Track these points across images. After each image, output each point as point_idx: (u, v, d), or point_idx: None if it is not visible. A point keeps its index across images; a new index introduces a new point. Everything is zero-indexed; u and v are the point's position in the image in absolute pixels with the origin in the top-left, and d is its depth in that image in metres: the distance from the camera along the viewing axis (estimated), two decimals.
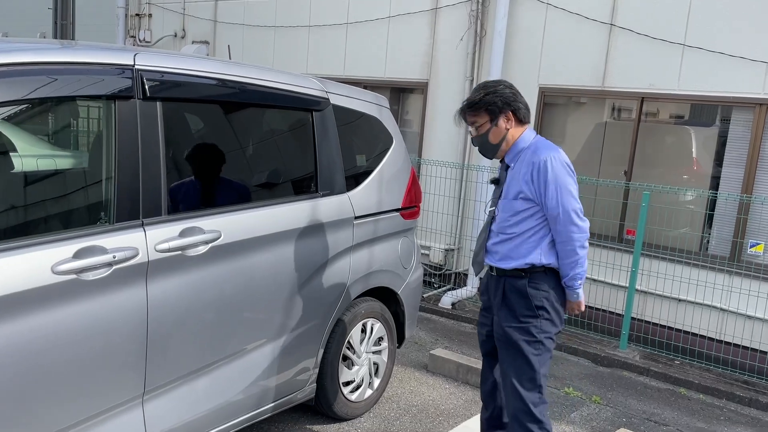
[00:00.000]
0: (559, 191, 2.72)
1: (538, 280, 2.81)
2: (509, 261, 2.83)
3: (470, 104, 2.87)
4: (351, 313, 3.62)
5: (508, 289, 2.85)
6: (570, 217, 2.73)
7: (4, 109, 2.27)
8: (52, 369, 2.26)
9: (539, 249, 2.80)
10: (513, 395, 2.85)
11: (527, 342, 2.81)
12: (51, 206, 2.46)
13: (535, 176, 2.74)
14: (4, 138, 2.38)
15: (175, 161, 2.78)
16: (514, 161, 2.87)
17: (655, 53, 5.74)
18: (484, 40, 6.79)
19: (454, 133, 7.07)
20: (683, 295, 5.59)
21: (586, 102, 6.40)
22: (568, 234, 2.75)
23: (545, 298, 2.82)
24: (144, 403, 2.60)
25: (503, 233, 2.86)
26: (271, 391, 3.18)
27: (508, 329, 2.84)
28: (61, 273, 2.25)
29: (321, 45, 8.10)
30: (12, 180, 2.37)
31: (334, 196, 3.46)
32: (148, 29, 10.29)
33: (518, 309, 2.82)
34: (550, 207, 2.73)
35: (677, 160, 5.93)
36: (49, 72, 2.31)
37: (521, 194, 2.79)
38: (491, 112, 2.83)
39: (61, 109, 2.55)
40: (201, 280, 2.74)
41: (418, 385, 4.45)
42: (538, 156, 2.76)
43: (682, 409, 4.58)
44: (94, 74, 2.44)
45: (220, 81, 2.91)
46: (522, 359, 2.82)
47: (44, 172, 2.51)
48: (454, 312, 6.24)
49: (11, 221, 2.30)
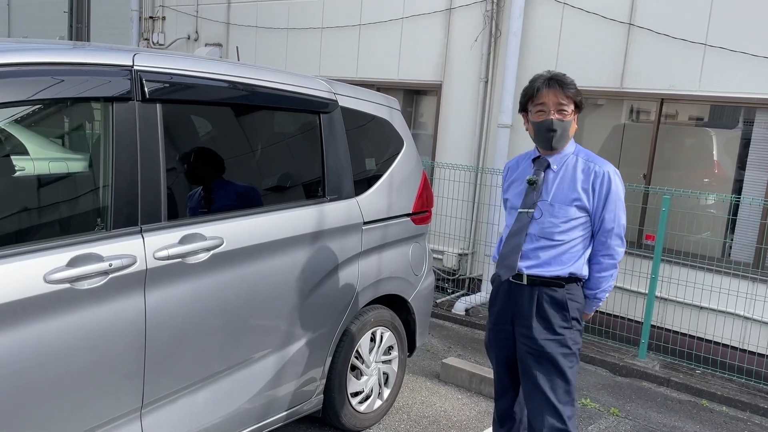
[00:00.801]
0: (618, 206, 2.67)
1: (573, 292, 2.71)
2: (548, 268, 2.67)
3: (567, 84, 2.62)
4: (360, 321, 3.51)
5: (544, 300, 2.68)
6: (621, 232, 2.69)
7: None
8: (45, 382, 2.17)
9: (582, 259, 2.71)
10: (548, 410, 2.69)
11: (564, 355, 2.69)
12: (44, 212, 2.37)
13: (597, 187, 2.64)
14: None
15: (175, 165, 2.69)
16: (560, 164, 2.72)
17: (676, 53, 5.58)
18: (499, 40, 6.66)
19: (468, 136, 6.94)
20: (705, 302, 5.41)
21: (604, 103, 6.25)
22: (615, 248, 2.70)
23: (578, 310, 2.73)
24: (142, 417, 2.50)
25: (549, 239, 2.68)
26: (276, 402, 3.07)
27: (544, 342, 2.68)
28: (54, 282, 2.16)
29: (334, 47, 8.02)
30: (2, 185, 2.29)
31: (342, 200, 3.35)
32: (162, 32, 10.29)
33: (554, 321, 2.68)
34: (607, 220, 2.66)
35: (698, 163, 5.76)
36: (42, 73, 2.22)
37: (577, 202, 2.66)
38: (579, 106, 2.68)
39: (56, 111, 2.47)
40: (202, 289, 2.64)
41: (430, 395, 4.33)
42: (600, 167, 2.66)
43: (704, 422, 4.41)
44: (90, 75, 2.35)
45: (222, 82, 2.82)
46: (558, 373, 2.69)
47: (38, 176, 2.43)
48: (467, 318, 6.11)
49: (1, 228, 2.21)
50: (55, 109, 2.44)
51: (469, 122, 6.91)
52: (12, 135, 2.34)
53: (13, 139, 2.36)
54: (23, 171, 2.35)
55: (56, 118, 2.50)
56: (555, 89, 2.62)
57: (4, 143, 2.33)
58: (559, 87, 2.62)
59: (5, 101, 2.13)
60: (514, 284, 2.75)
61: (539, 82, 2.66)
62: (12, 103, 2.17)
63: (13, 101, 2.16)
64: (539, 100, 2.64)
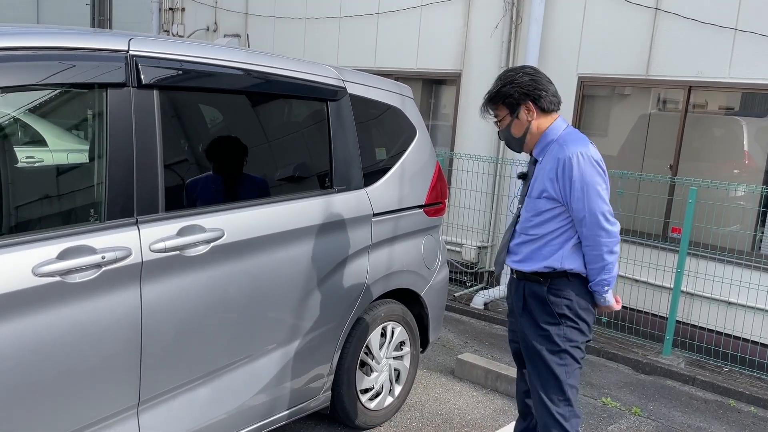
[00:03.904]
0: (586, 192, 2.46)
1: (559, 286, 2.58)
2: (528, 263, 2.63)
3: (489, 98, 2.67)
4: (369, 316, 3.40)
5: (528, 294, 2.65)
6: (597, 220, 2.47)
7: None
8: (35, 379, 2.10)
9: (560, 252, 2.56)
10: (542, 408, 2.66)
11: (550, 351, 2.59)
12: (35, 203, 2.30)
13: (560, 174, 2.48)
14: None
15: (174, 155, 2.60)
16: (542, 155, 2.62)
17: (704, 39, 5.35)
18: (520, 27, 6.47)
19: (488, 126, 6.77)
20: (733, 297, 5.20)
21: (629, 92, 6.04)
22: (595, 238, 2.50)
23: (567, 306, 2.58)
24: (139, 414, 2.43)
25: (525, 234, 2.64)
26: (280, 399, 2.98)
27: (530, 337, 2.65)
28: (44, 275, 2.08)
29: (351, 37, 7.90)
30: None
31: (350, 191, 3.24)
32: (182, 23, 10.26)
33: (538, 316, 2.61)
34: (576, 209, 2.49)
35: (727, 154, 5.53)
36: (34, 58, 2.14)
37: (545, 193, 2.54)
38: (509, 105, 2.61)
39: (47, 98, 2.39)
40: (202, 282, 2.55)
41: (444, 392, 4.21)
42: (564, 151, 2.49)
43: (731, 423, 4.22)
44: (83, 60, 2.26)
45: (222, 68, 2.71)
46: (546, 370, 2.61)
47: (28, 166, 2.36)
48: (486, 313, 5.96)
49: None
50: (46, 96, 2.36)
51: None
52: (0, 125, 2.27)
53: (4, 128, 2.29)
54: (12, 161, 2.28)
55: (47, 105, 2.42)
56: (487, 107, 2.67)
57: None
58: (488, 103, 2.66)
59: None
60: (513, 278, 2.77)
61: (481, 107, 2.71)
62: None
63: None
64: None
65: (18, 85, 2.14)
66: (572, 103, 6.07)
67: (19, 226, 2.20)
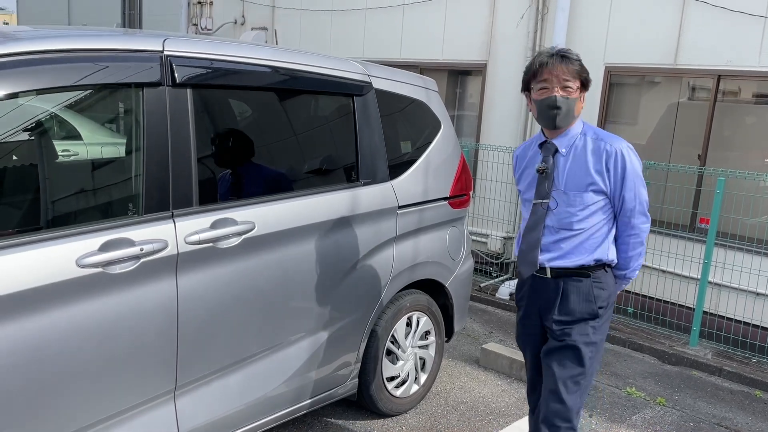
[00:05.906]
0: (638, 183, 2.52)
1: (601, 279, 2.57)
2: (571, 258, 2.54)
3: (572, 59, 2.45)
4: (395, 306, 3.48)
5: (569, 291, 2.56)
6: (644, 208, 2.56)
7: (22, 100, 2.23)
8: (78, 364, 2.22)
9: (605, 244, 2.56)
10: (554, 399, 2.56)
11: (586, 344, 2.56)
12: (77, 198, 2.42)
13: (612, 167, 2.48)
14: (25, 128, 2.35)
15: (207, 150, 2.70)
16: (568, 147, 2.57)
17: (734, 26, 5.28)
18: (546, 17, 6.45)
19: (513, 117, 6.79)
20: (761, 288, 5.16)
21: (657, 81, 5.99)
22: (639, 227, 2.56)
23: (606, 299, 2.59)
24: (176, 398, 2.55)
25: (568, 229, 2.54)
26: (309, 386, 3.08)
27: (566, 330, 2.56)
28: (87, 266, 2.20)
29: (377, 28, 7.94)
30: (35, 171, 2.34)
31: (376, 184, 3.31)
32: (210, 17, 10.41)
33: (580, 310, 2.55)
34: (628, 199, 2.51)
35: (757, 143, 5.47)
36: (73, 60, 2.25)
37: (592, 186, 2.50)
38: (584, 83, 2.52)
39: (86, 97, 2.50)
40: (234, 273, 2.65)
41: (469, 381, 4.28)
42: (611, 145, 2.49)
43: (757, 414, 4.22)
44: (120, 61, 2.37)
45: (253, 66, 2.80)
46: (576, 361, 2.56)
47: (70, 162, 2.48)
48: (511, 303, 6.00)
49: (35, 213, 2.27)
50: (86, 96, 2.48)
51: (514, 103, 6.74)
52: (42, 122, 2.39)
53: (45, 125, 2.41)
54: (56, 158, 2.40)
55: (87, 105, 2.53)
56: (558, 64, 2.45)
57: (34, 130, 2.37)
58: (562, 62, 2.45)
59: (33, 89, 2.16)
60: (538, 278, 2.62)
61: (542, 58, 2.49)
62: (41, 90, 2.21)
63: (43, 88, 2.20)
64: (542, 77, 2.48)
65: (61, 86, 2.25)
66: (599, 93, 6.05)
67: (63, 220, 2.32)
